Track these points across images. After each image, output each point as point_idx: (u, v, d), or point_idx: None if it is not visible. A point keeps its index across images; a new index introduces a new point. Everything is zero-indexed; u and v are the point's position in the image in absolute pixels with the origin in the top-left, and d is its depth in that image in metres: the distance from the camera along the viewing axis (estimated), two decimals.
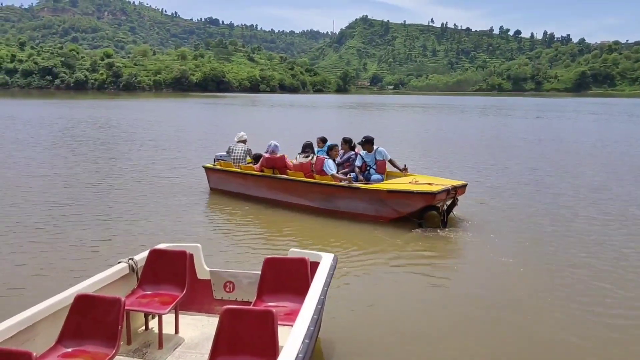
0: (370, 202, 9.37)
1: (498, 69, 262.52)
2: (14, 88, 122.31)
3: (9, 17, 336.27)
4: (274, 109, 57.79)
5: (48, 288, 5.46)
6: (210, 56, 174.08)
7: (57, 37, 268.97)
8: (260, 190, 10.80)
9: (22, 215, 9.44)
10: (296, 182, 10.15)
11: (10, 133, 24.51)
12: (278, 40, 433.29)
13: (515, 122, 41.57)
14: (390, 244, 8.25)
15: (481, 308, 5.77)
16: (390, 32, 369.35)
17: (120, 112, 44.52)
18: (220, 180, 11.69)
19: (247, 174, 10.96)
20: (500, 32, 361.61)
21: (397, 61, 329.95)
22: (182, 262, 4.64)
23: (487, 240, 8.43)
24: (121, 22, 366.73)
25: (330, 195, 9.75)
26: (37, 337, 3.63)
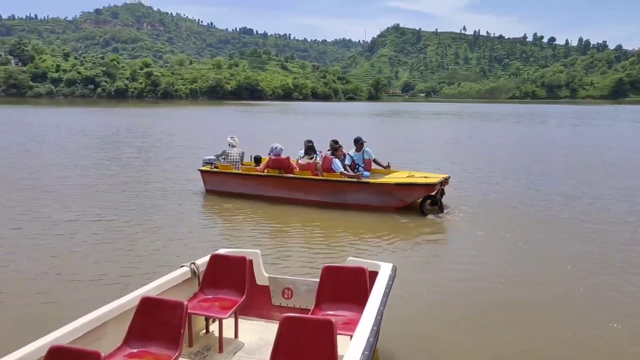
0: (378, 194, 10.92)
1: (532, 77, 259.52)
2: (59, 97, 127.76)
3: (54, 29, 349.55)
4: (306, 117, 58.89)
5: (115, 290, 6.03)
6: (245, 65, 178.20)
7: (99, 47, 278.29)
8: (265, 189, 11.81)
9: (86, 221, 9.76)
10: (306, 180, 11.38)
11: (60, 140, 25.85)
12: (311, 49, 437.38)
13: (557, 130, 40.69)
14: (411, 229, 9.69)
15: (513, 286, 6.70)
16: (422, 41, 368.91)
17: (159, 120, 46.68)
18: (219, 182, 12.44)
19: (252, 175, 11.97)
20: (534, 39, 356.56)
21: (429, 69, 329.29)
22: (242, 268, 4.72)
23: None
24: (160, 32, 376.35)
25: (340, 190, 11.14)
26: (104, 337, 3.76)
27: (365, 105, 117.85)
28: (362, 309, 3.91)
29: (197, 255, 6.49)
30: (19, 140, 25.59)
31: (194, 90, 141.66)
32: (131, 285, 5.28)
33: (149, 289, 4.23)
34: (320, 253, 8.12)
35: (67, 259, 7.61)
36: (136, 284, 5.33)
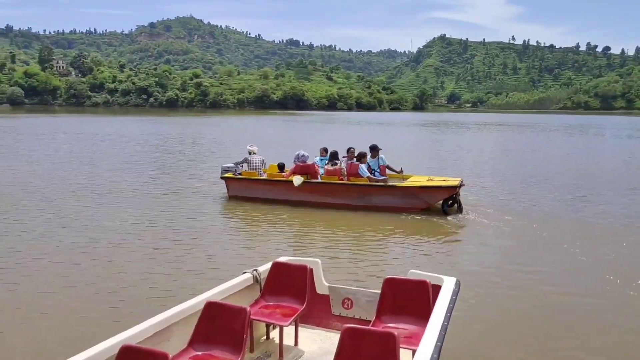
0: (404, 196, 11.81)
1: (584, 87, 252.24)
2: (115, 106, 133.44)
3: (111, 42, 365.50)
4: (350, 127, 59.03)
5: (180, 293, 6.16)
6: (291, 75, 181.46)
7: (152, 59, 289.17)
8: (293, 194, 12.37)
9: (144, 228, 10.03)
10: (335, 185, 12.17)
11: (117, 149, 27.10)
12: (356, 60, 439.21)
13: (615, 141, 38.90)
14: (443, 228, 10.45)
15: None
16: (469, 50, 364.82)
17: (208, 129, 48.53)
18: (244, 188, 13.04)
19: (281, 181, 12.54)
20: (587, 48, 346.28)
21: (476, 79, 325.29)
22: (303, 276, 4.74)
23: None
24: (209, 44, 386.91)
25: (367, 194, 11.96)
26: (171, 338, 3.87)
27: (410, 116, 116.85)
28: (424, 323, 3.88)
29: (251, 262, 6.96)
30: (78, 147, 27.69)
31: (241, 100, 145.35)
32: (195, 290, 5.44)
33: (212, 293, 4.31)
34: (372, 261, 8.26)
35: (134, 263, 7.85)
36: (199, 288, 5.36)
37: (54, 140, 30.55)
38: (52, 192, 13.80)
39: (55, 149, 24.89)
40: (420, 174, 13.38)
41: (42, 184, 14.98)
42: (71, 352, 3.13)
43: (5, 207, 11.70)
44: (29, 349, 5.19)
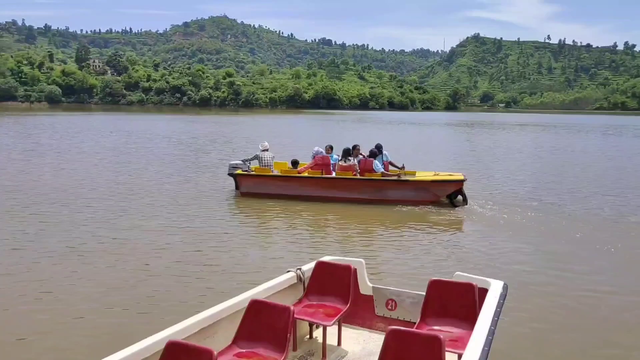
0: (416, 190, 12.66)
1: (622, 87, 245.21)
2: (149, 104, 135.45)
3: (146, 41, 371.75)
4: (382, 126, 59.07)
5: (225, 290, 6.38)
6: (323, 75, 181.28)
7: (186, 58, 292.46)
8: (308, 190, 12.94)
9: (186, 224, 10.31)
10: (352, 180, 12.76)
11: (151, 148, 27.76)
12: (388, 59, 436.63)
13: None
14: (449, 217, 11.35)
15: None
16: (503, 50, 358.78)
17: (241, 128, 48.96)
18: (257, 184, 13.32)
19: (297, 177, 13.11)
20: (625, 47, 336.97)
21: (510, 79, 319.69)
22: (347, 276, 4.73)
23: None
24: (242, 44, 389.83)
25: (382, 188, 12.71)
26: (216, 335, 3.93)
27: (442, 115, 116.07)
28: (470, 326, 3.85)
29: (290, 261, 7.15)
30: (114, 145, 28.22)
31: (274, 99, 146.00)
32: (239, 288, 5.45)
33: (257, 291, 4.35)
34: (412, 261, 8.26)
35: (173, 263, 7.95)
36: (243, 286, 5.56)
37: (88, 138, 31.05)
38: (86, 192, 13.84)
39: (90, 146, 25.25)
40: (421, 170, 13.89)
41: (71, 183, 15.06)
42: (120, 346, 3.22)
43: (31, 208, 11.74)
44: (81, 344, 5.34)
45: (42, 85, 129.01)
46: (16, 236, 9.29)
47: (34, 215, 10.93)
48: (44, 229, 9.84)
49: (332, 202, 12.58)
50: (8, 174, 16.56)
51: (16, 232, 9.53)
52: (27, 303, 6.38)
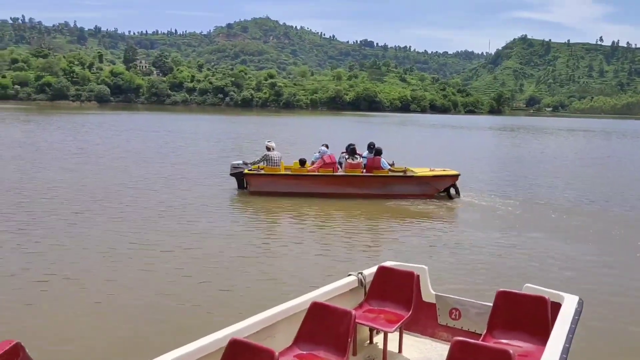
0: (419, 184, 13.94)
1: None
2: (192, 104, 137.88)
3: (190, 42, 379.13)
4: (422, 129, 58.67)
5: (286, 292, 6.44)
6: (364, 77, 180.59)
7: (229, 59, 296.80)
8: (318, 187, 13.75)
9: (243, 225, 10.62)
10: (361, 177, 13.80)
11: (193, 147, 28.21)
12: (431, 61, 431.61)
13: None
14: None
15: None
16: (551, 52, 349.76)
17: (282, 129, 49.26)
18: (267, 183, 13.82)
19: (308, 175, 13.83)
20: None
21: (558, 82, 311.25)
22: (409, 283, 4.67)
23: None
24: (284, 45, 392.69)
25: (388, 183, 13.84)
26: (276, 335, 3.95)
27: (486, 119, 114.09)
28: (541, 342, 3.73)
29: (351, 265, 7.35)
30: (156, 145, 28.68)
31: (314, 101, 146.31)
32: (298, 291, 5.55)
33: (318, 294, 4.35)
34: (478, 271, 8.09)
35: (236, 263, 8.19)
36: (302, 288, 5.69)
37: (132, 136, 31.72)
38: (127, 191, 14.02)
39: (133, 145, 25.74)
40: (415, 167, 14.90)
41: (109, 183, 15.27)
42: (186, 342, 3.34)
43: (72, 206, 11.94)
44: (152, 337, 5.61)
45: (91, 85, 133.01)
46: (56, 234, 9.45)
47: (79, 215, 11.09)
48: (89, 228, 9.94)
49: (339, 198, 13.38)
50: (48, 172, 16.91)
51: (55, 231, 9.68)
52: (89, 298, 6.63)
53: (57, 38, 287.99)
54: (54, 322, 5.94)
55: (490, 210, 12.92)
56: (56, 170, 17.47)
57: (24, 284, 7.05)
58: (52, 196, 13.02)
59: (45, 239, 9.20)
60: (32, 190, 13.64)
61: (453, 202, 13.67)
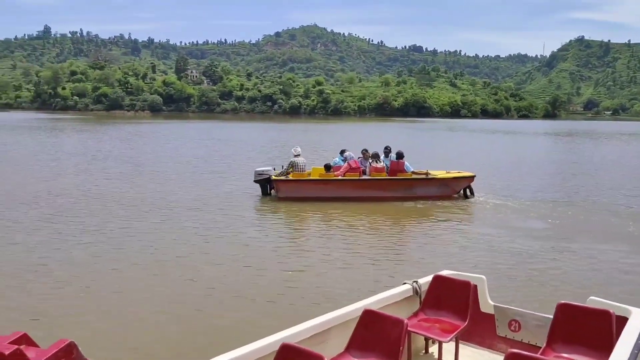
0: (439, 186, 14.52)
1: None
2: (241, 113, 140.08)
3: (239, 51, 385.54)
4: (471, 134, 57.46)
5: (339, 299, 6.56)
6: (413, 82, 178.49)
7: (277, 67, 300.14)
8: (346, 191, 14.08)
9: (316, 237, 10.59)
10: (386, 180, 14.19)
11: (243, 155, 28.46)
12: (482, 65, 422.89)
13: None
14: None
15: None
16: (610, 53, 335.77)
17: (330, 135, 48.97)
18: (295, 189, 14.11)
19: (336, 180, 14.08)
20: None
21: (618, 84, 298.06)
22: (466, 292, 4.61)
23: None
24: (332, 52, 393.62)
25: (412, 186, 14.33)
26: (328, 341, 3.92)
27: (540, 124, 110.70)
28: (604, 357, 3.59)
29: (405, 273, 7.17)
30: (204, 152, 28.60)
31: (362, 107, 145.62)
32: (351, 298, 5.50)
33: (370, 302, 4.30)
34: (539, 282, 7.80)
35: (304, 271, 8.27)
36: (355, 296, 5.67)
37: (183, 145, 31.90)
38: (173, 199, 14.09)
39: (181, 154, 25.78)
40: (432, 169, 15.21)
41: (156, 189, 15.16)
42: (238, 345, 3.42)
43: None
44: (201, 341, 5.75)
45: (145, 95, 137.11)
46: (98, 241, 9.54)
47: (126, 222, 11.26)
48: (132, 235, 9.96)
49: (364, 202, 13.74)
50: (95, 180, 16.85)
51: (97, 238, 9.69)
52: (134, 304, 6.82)
53: (112, 50, 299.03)
54: (108, 328, 6.14)
55: (546, 218, 12.44)
56: (106, 178, 17.57)
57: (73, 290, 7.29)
58: (86, 205, 12.79)
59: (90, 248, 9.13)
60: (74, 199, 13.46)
61: (498, 207, 13.66)
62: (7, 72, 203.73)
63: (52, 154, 26.37)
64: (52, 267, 8.20)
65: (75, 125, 59.49)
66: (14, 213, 12.07)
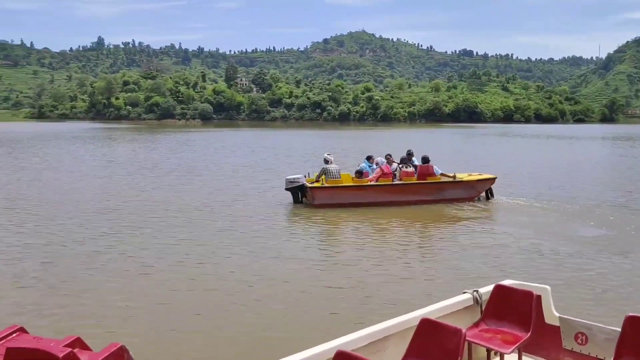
0: (466, 188, 14.91)
1: None
2: (291, 120, 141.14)
3: (288, 59, 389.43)
4: (524, 140, 55.87)
5: (396, 307, 6.50)
6: (463, 87, 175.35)
7: (326, 74, 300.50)
8: (379, 196, 14.29)
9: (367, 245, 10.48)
10: (417, 185, 14.51)
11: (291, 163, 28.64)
12: (535, 69, 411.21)
13: None
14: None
15: None
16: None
17: (379, 142, 48.16)
18: (331, 195, 14.24)
19: (370, 186, 14.33)
20: None
21: None
22: (529, 303, 4.50)
23: None
24: (380, 58, 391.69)
25: (441, 189, 14.69)
26: (385, 350, 3.91)
27: (597, 128, 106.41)
28: None
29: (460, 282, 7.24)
30: (253, 160, 28.59)
31: (412, 113, 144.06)
32: (410, 305, 5.47)
33: (428, 311, 4.25)
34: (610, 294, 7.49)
35: (365, 278, 8.20)
36: (413, 303, 5.69)
37: (237, 154, 32.15)
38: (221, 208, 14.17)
39: (231, 161, 25.89)
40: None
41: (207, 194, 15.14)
42: (292, 351, 3.45)
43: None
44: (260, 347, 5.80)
45: (196, 104, 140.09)
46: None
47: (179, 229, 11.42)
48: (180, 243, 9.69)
49: (396, 206, 13.92)
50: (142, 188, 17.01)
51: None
52: (191, 309, 6.99)
53: (164, 60, 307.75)
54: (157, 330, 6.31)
55: (603, 225, 12.07)
56: (153, 188, 17.62)
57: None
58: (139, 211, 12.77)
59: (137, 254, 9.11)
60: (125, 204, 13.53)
61: (546, 211, 13.61)
62: (63, 83, 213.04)
63: (122, 163, 26.98)
64: (108, 273, 8.42)
65: (133, 134, 61.33)
66: (81, 221, 12.40)
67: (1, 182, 19.29)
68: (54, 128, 75.52)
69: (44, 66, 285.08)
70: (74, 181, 19.99)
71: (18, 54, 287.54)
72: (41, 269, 8.65)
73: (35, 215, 13.09)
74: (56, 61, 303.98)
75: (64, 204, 14.88)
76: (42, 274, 8.38)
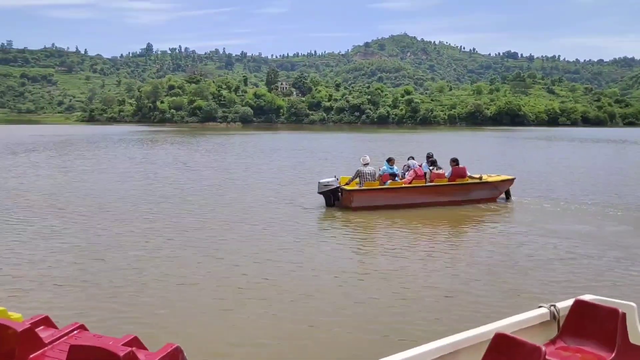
0: (490, 189, 15.36)
1: None
2: (329, 123, 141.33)
3: (328, 62, 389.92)
4: (573, 144, 54.20)
5: (468, 319, 6.33)
6: (507, 90, 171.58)
7: (366, 77, 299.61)
8: (412, 198, 14.53)
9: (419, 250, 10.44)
10: (448, 186, 14.86)
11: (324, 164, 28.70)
12: (583, 70, 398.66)
13: None
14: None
15: None
16: None
17: (419, 145, 47.76)
18: (369, 198, 14.31)
19: (405, 188, 14.61)
20: None
21: None
22: (613, 321, 4.21)
23: None
24: (421, 61, 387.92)
25: (469, 190, 15.08)
26: None
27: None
28: None
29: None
30: (290, 164, 28.74)
31: (452, 116, 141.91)
32: (481, 317, 5.49)
33: (502, 325, 4.09)
34: None
35: (418, 290, 8.03)
36: (485, 314, 5.77)
37: (276, 158, 32.40)
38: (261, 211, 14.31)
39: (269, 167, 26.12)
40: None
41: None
42: None
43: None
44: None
45: (237, 107, 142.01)
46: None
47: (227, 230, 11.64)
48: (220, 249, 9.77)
49: (427, 207, 14.28)
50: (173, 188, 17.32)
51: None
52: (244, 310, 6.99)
53: (207, 65, 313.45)
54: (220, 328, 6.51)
55: None
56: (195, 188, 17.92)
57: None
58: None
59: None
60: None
61: (594, 214, 13.64)
62: (112, 88, 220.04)
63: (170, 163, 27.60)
64: (162, 275, 8.54)
65: (175, 137, 62.53)
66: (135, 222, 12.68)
67: (56, 183, 19.96)
68: (102, 131, 77.76)
69: (96, 72, 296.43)
70: (123, 180, 20.62)
71: (73, 60, 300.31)
72: (95, 269, 8.78)
73: (83, 216, 13.29)
74: (107, 67, 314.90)
75: (114, 202, 15.41)
76: (95, 274, 8.50)
